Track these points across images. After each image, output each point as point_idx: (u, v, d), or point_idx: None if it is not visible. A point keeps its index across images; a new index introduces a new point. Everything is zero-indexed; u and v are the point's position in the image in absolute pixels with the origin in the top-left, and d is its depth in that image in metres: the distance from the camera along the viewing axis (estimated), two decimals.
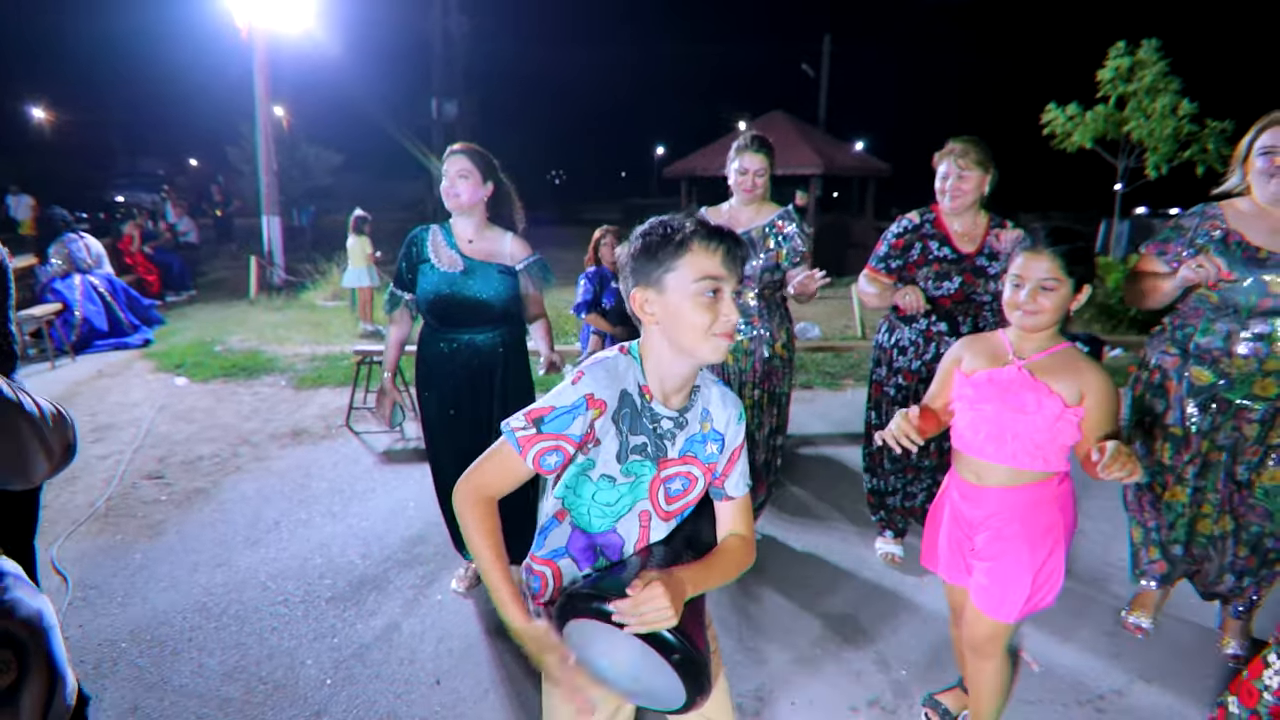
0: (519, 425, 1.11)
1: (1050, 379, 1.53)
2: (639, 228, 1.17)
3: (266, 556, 2.88)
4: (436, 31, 22.58)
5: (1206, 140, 7.49)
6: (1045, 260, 1.50)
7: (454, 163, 2.31)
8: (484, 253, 2.35)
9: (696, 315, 1.10)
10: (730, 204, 2.74)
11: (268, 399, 5.01)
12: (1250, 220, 2.00)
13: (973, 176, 2.39)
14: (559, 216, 36.34)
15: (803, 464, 3.90)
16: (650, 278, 1.13)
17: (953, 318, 2.48)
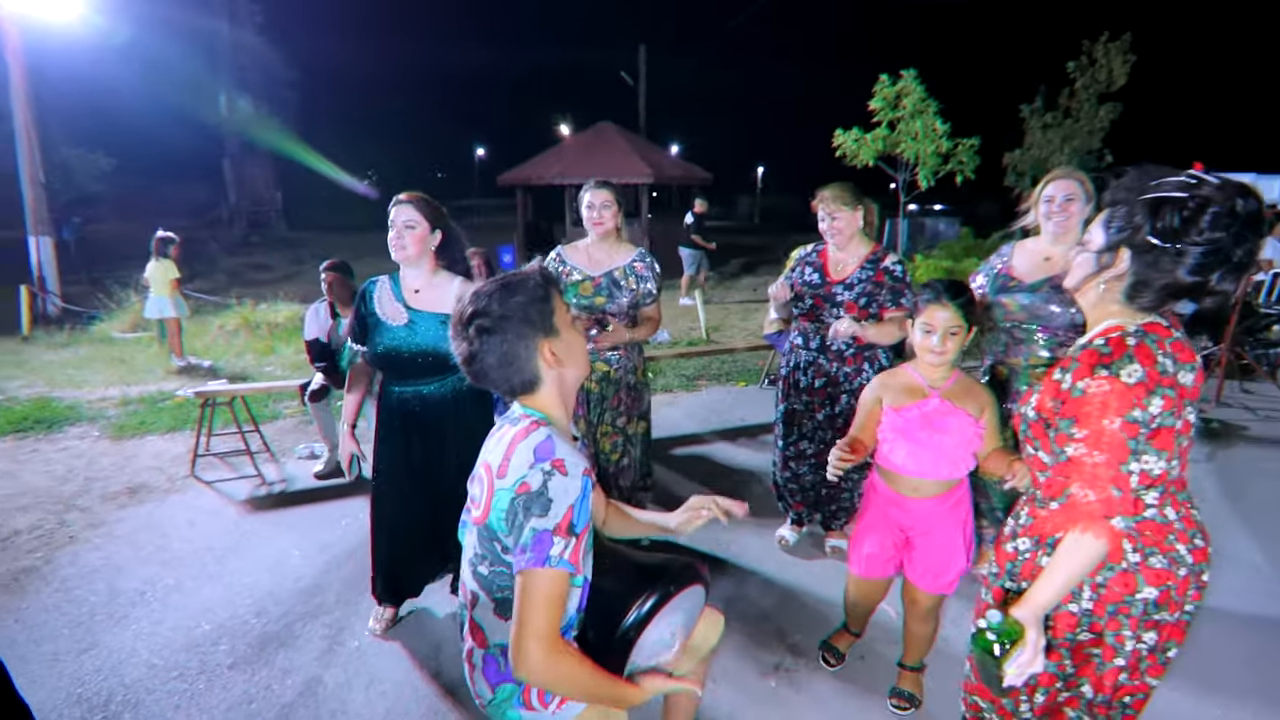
0: (559, 549, 1.09)
1: (961, 402, 1.92)
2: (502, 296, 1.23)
3: (141, 631, 2.63)
4: (223, 20, 20.29)
5: (961, 154, 9.06)
6: (950, 311, 1.86)
7: (400, 213, 2.29)
8: (430, 302, 2.34)
9: (580, 337, 1.34)
10: (586, 242, 2.90)
11: (83, 454, 4.41)
12: (1024, 256, 2.60)
13: (844, 216, 2.73)
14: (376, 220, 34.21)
15: (680, 463, 4.24)
16: (547, 327, 1.26)
17: (806, 333, 2.90)
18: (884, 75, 9.08)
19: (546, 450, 1.16)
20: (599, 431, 2.93)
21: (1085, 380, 1.25)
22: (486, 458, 1.24)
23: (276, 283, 11.93)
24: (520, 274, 1.27)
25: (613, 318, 2.82)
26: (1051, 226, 2.50)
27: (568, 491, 1.13)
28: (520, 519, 1.13)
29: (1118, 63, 10.29)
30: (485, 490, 1.20)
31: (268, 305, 8.34)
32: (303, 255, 16.80)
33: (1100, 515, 1.23)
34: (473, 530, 1.23)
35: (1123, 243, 1.26)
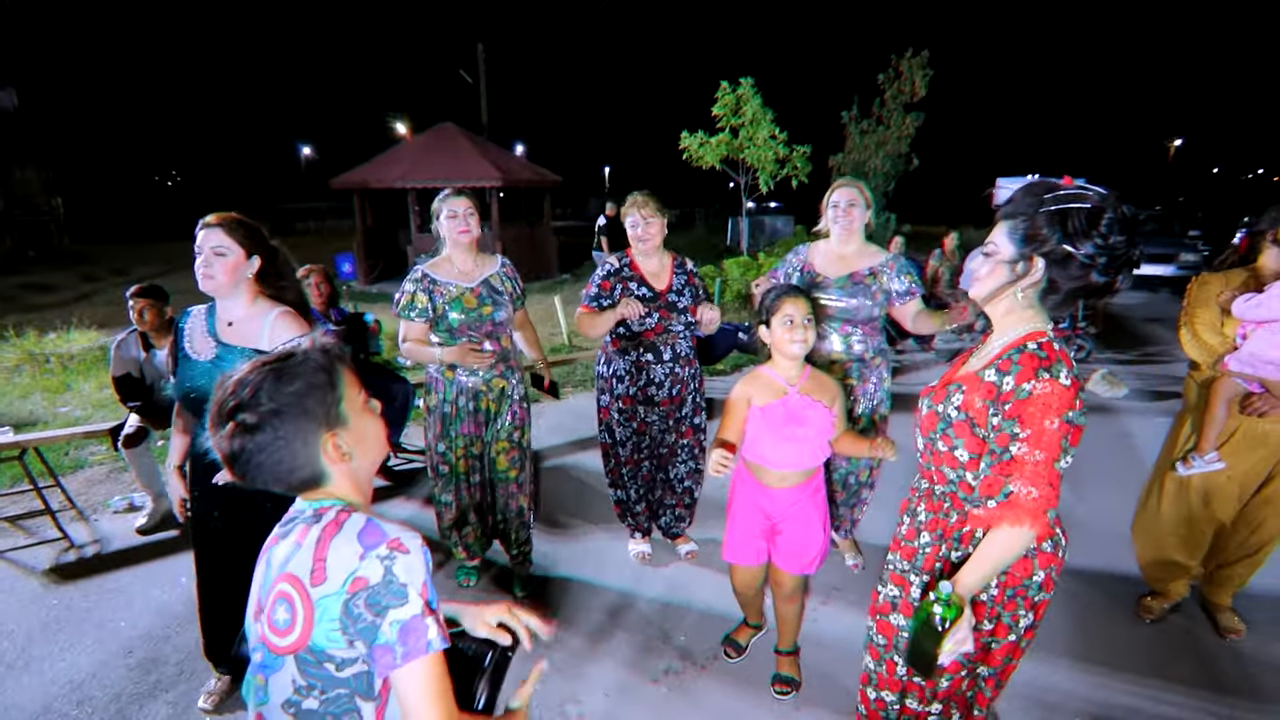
0: (433, 631, 1.00)
1: (816, 395, 2.09)
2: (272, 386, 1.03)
3: None
4: None
5: (796, 160, 9.75)
6: (804, 301, 2.04)
7: (208, 237, 2.02)
8: (244, 336, 2.08)
9: (376, 420, 1.16)
10: (446, 254, 2.75)
11: None
12: (821, 255, 2.90)
13: (656, 222, 2.83)
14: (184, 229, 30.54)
15: (549, 477, 4.21)
16: (331, 418, 1.07)
17: (656, 348, 2.90)
18: (724, 82, 9.55)
19: (374, 534, 1.01)
20: (494, 449, 2.82)
21: (1031, 383, 1.33)
22: (287, 571, 1.02)
23: (66, 306, 10.30)
24: (296, 355, 1.08)
25: (501, 327, 2.74)
26: (839, 229, 2.82)
27: (415, 569, 1.01)
28: (369, 618, 0.98)
29: (919, 76, 11.53)
30: (299, 609, 0.99)
31: (57, 334, 7.17)
32: (97, 272, 14.68)
33: (1042, 510, 1.33)
34: (285, 663, 1.01)
35: (1036, 252, 1.35)
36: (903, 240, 7.11)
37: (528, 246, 12.96)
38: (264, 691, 1.01)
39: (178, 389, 2.09)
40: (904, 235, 7.37)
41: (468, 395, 2.74)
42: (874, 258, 2.85)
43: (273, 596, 1.01)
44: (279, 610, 1.00)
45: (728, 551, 2.33)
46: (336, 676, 1.00)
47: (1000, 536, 1.38)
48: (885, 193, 12.23)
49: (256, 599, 1.05)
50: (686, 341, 2.95)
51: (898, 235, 7.17)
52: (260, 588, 1.05)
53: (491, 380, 2.75)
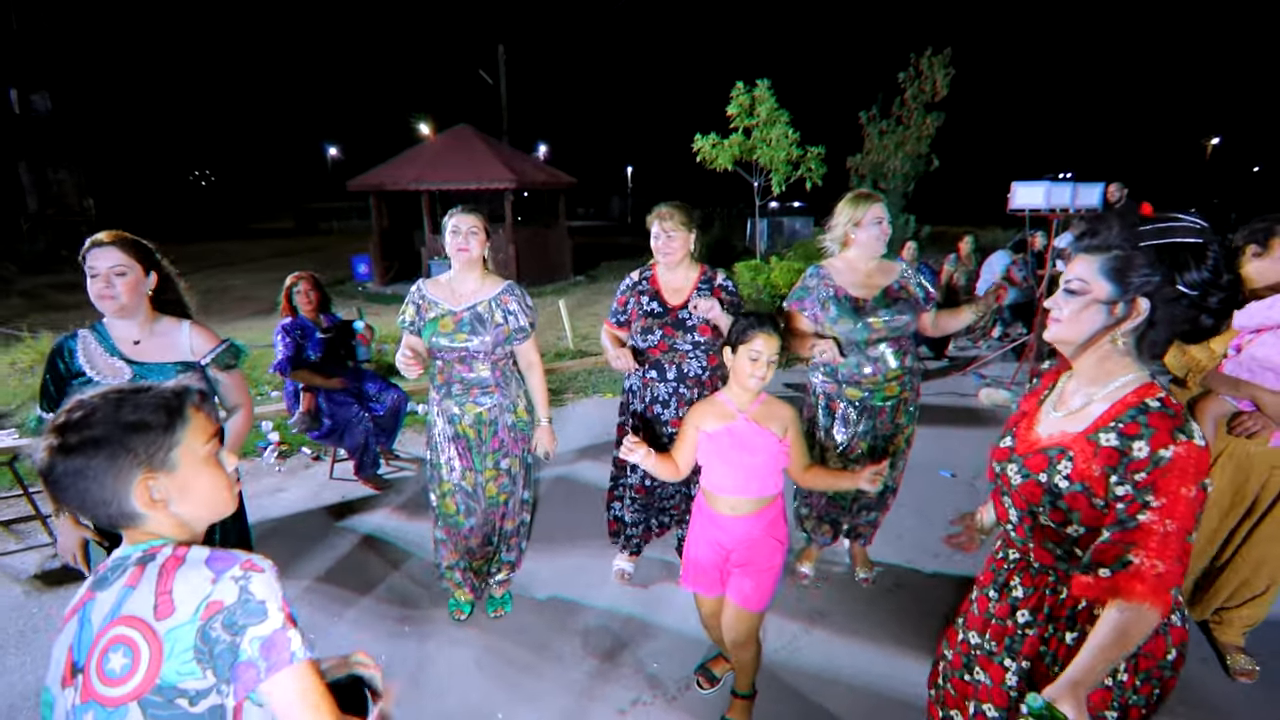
0: (296, 641, 1.01)
1: (766, 422, 2.04)
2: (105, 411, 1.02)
3: None
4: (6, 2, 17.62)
5: (810, 162, 9.58)
6: (776, 340, 2.00)
7: (104, 257, 1.98)
8: (156, 351, 2.07)
9: (217, 478, 1.12)
10: (450, 274, 2.67)
11: None
12: (845, 276, 2.75)
13: (679, 236, 2.71)
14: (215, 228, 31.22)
15: (543, 486, 4.14)
16: (154, 460, 1.03)
17: (661, 366, 2.80)
18: (739, 83, 9.43)
19: (224, 560, 1.01)
20: (485, 478, 2.69)
21: (1170, 448, 1.17)
22: (122, 615, 0.97)
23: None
24: (147, 389, 1.07)
25: (475, 356, 2.60)
26: (880, 246, 2.71)
27: (272, 585, 1.02)
28: (229, 638, 0.96)
29: (940, 75, 11.29)
30: (142, 648, 0.95)
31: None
32: None
33: (1166, 587, 1.15)
34: (127, 710, 0.94)
35: (1140, 292, 1.22)
36: (915, 246, 6.92)
37: (541, 248, 12.93)
38: None
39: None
40: (919, 240, 7.19)
41: (446, 418, 2.63)
42: (890, 272, 2.78)
43: (101, 648, 0.96)
44: (112, 659, 0.95)
45: (684, 578, 2.28)
46: (190, 712, 0.96)
47: (1116, 619, 1.18)
48: (904, 194, 12.01)
49: (67, 663, 0.99)
50: (697, 362, 2.79)
51: (910, 241, 6.98)
52: (74, 649, 0.99)
53: (466, 406, 2.61)
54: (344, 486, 4.17)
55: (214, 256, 18.20)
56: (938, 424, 4.99)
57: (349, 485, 4.17)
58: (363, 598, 3.04)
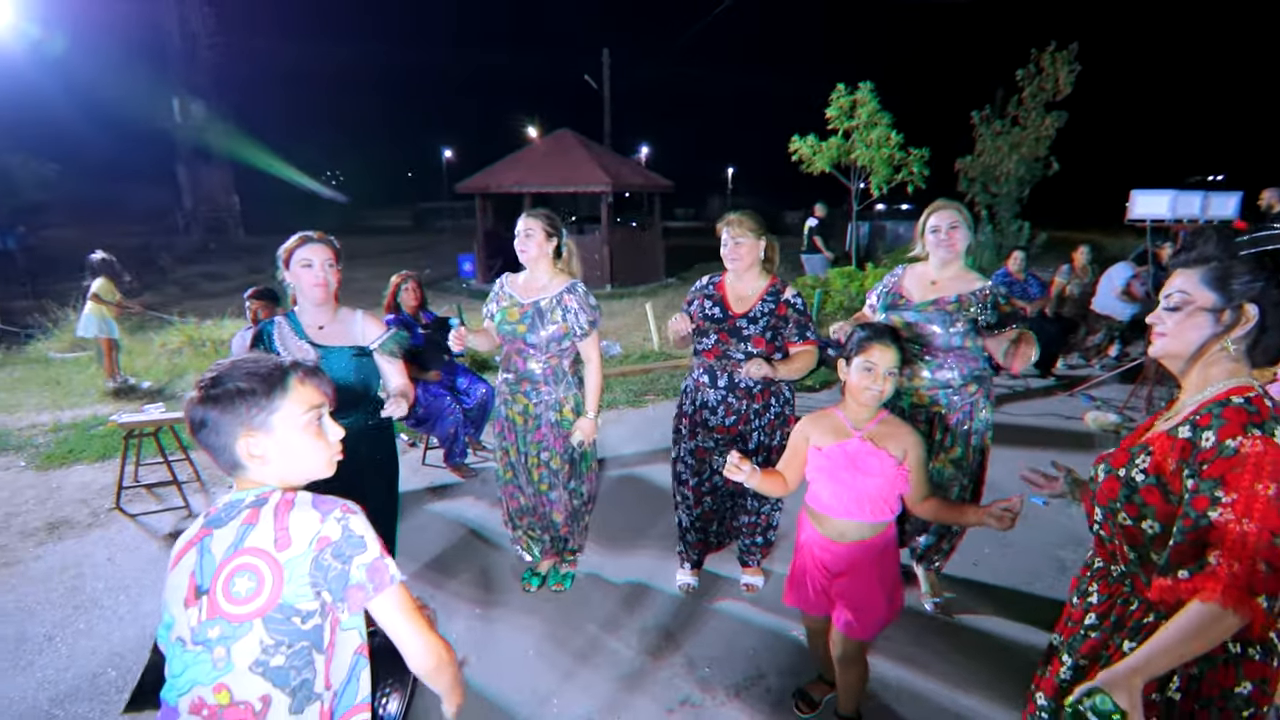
0: (393, 568, 1.21)
1: (883, 443, 1.95)
2: (228, 375, 1.20)
3: (44, 679, 2.58)
4: (173, 23, 19.80)
5: (912, 164, 9.22)
6: (894, 352, 1.92)
7: (319, 252, 2.32)
8: (337, 336, 2.38)
9: (314, 446, 1.27)
10: (530, 275, 2.85)
11: (4, 486, 4.29)
12: (915, 278, 2.77)
13: (747, 243, 2.73)
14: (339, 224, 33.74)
15: (615, 486, 4.25)
16: (254, 423, 1.20)
17: (713, 371, 2.83)
18: (840, 85, 9.21)
19: (326, 503, 1.20)
20: (530, 463, 2.89)
21: (1238, 439, 1.15)
22: (246, 547, 1.15)
23: (231, 294, 11.68)
24: (262, 361, 1.24)
25: (530, 350, 2.79)
26: (941, 253, 2.68)
27: (367, 525, 1.21)
28: (339, 566, 1.16)
29: (1064, 72, 10.54)
30: (265, 574, 1.13)
31: (213, 322, 8.17)
32: (261, 263, 16.49)
33: (1245, 589, 1.09)
34: (248, 628, 1.13)
35: (1246, 297, 1.23)
36: (1023, 255, 6.51)
37: (635, 249, 13.13)
38: (226, 662, 1.12)
39: None
40: (1025, 250, 6.74)
41: (500, 401, 2.91)
42: (968, 284, 2.70)
43: (226, 574, 1.14)
44: (238, 582, 1.13)
45: (787, 594, 2.22)
46: (301, 629, 1.14)
47: (1190, 614, 1.12)
48: (1019, 199, 11.29)
49: (190, 586, 1.17)
50: None
51: (1018, 251, 6.57)
52: (196, 575, 1.17)
53: (516, 396, 2.83)
54: (434, 473, 4.46)
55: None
56: (1035, 446, 4.70)
57: (438, 472, 4.45)
58: (439, 576, 3.26)
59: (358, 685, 1.25)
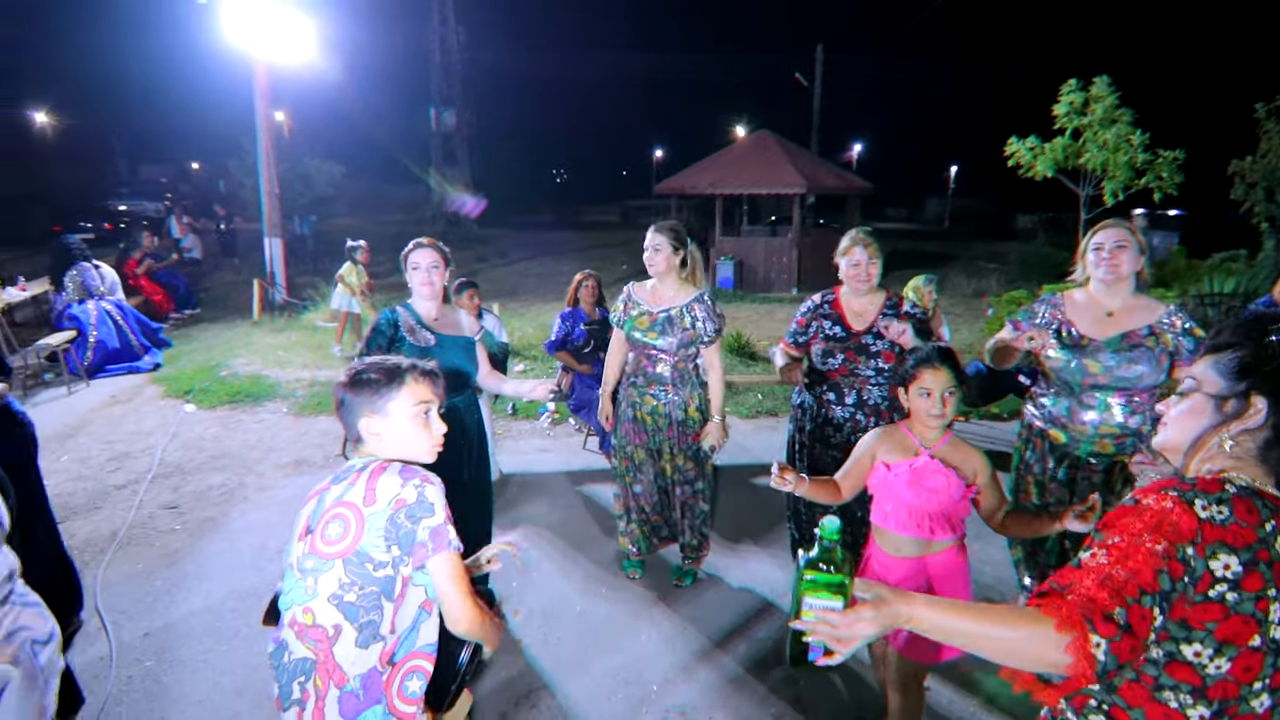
0: (452, 535, 1.42)
1: (953, 463, 1.96)
2: (366, 367, 1.51)
3: (270, 581, 3.28)
4: (435, 43, 22.91)
5: (1161, 169, 7.90)
6: (945, 373, 1.94)
7: (426, 256, 2.66)
8: (448, 327, 2.74)
9: (420, 433, 1.52)
10: (652, 282, 3.06)
11: (271, 427, 5.43)
12: (1081, 310, 2.49)
13: (878, 263, 2.78)
14: (558, 219, 36.66)
15: (753, 493, 4.29)
16: (374, 407, 1.49)
17: (840, 389, 2.82)
18: (1072, 80, 8.18)
19: (410, 472, 1.43)
20: (662, 461, 3.09)
21: (1150, 498, 1.03)
22: (338, 502, 1.42)
23: (457, 278, 13.36)
24: (390, 361, 1.52)
25: (661, 355, 2.97)
26: (1102, 274, 2.42)
27: (439, 495, 1.43)
28: (410, 525, 1.38)
29: None
30: (351, 523, 1.39)
31: None
32: (486, 253, 18.59)
33: (1082, 616, 0.95)
34: (331, 565, 1.38)
35: (1256, 388, 1.06)
36: None
37: (826, 252, 12.67)
38: (313, 590, 1.40)
39: None
40: None
41: (628, 403, 3.07)
42: (1149, 312, 2.43)
43: (326, 519, 1.42)
44: (331, 528, 1.41)
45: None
46: (372, 575, 1.39)
47: (1012, 611, 1.02)
48: None
49: (304, 525, 1.47)
50: (879, 390, 2.80)
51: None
52: (310, 518, 1.47)
53: (645, 398, 3.00)
54: (592, 459, 4.82)
55: (550, 245, 21.50)
56: None
57: (595, 458, 4.81)
58: (577, 553, 3.56)
59: (418, 635, 1.47)
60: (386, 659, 1.41)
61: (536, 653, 2.79)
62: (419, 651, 1.47)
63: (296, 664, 1.41)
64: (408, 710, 1.43)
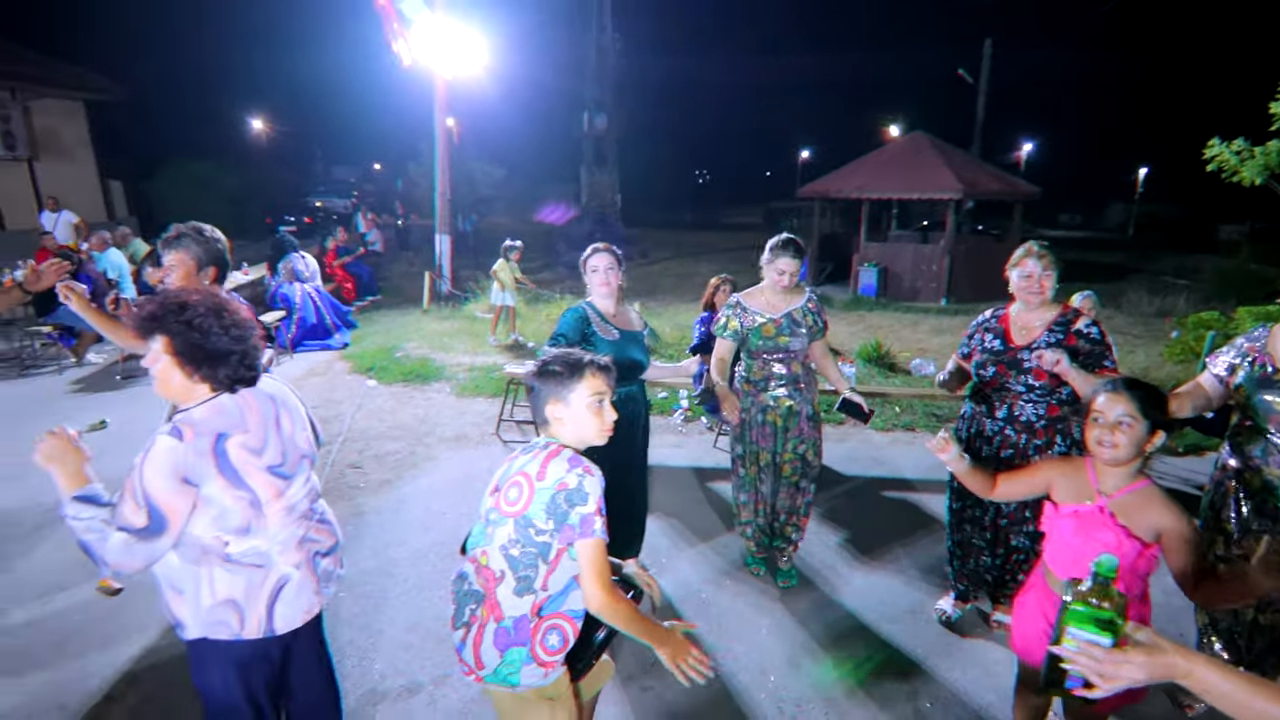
0: (600, 525, 1.59)
1: (1129, 519, 1.73)
2: (555, 358, 1.71)
3: (436, 540, 3.76)
4: (592, 49, 23.96)
5: None
6: (1124, 401, 1.73)
7: (602, 259, 2.98)
8: (625, 323, 3.05)
9: (593, 420, 1.70)
10: (767, 291, 3.19)
11: (436, 404, 6.09)
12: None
13: (1052, 275, 2.67)
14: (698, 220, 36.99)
15: (887, 507, 4.26)
16: (560, 395, 1.67)
17: (991, 401, 2.78)
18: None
19: (577, 460, 1.64)
20: (781, 459, 3.20)
21: None
22: (519, 470, 1.67)
23: None
24: (573, 355, 1.74)
25: (793, 355, 3.12)
26: None
27: (597, 487, 1.61)
28: (564, 508, 1.58)
29: None
30: (525, 491, 1.63)
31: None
32: (629, 252, 19.06)
33: None
34: (506, 522, 1.63)
35: None
36: None
37: (982, 262, 11.90)
38: (491, 538, 1.69)
39: None
40: None
41: (759, 408, 3.17)
42: None
43: (509, 482, 1.69)
44: (511, 491, 1.67)
45: (1013, 637, 2.09)
46: (534, 539, 1.62)
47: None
48: None
49: (495, 483, 1.75)
50: (1033, 407, 2.71)
51: None
52: (499, 478, 1.74)
53: (779, 399, 3.12)
54: (722, 457, 4.98)
55: (690, 245, 21.83)
56: None
57: (724, 457, 4.95)
58: (704, 545, 3.75)
59: (566, 599, 1.67)
60: (536, 610, 1.65)
61: None
62: (563, 613, 1.68)
63: (470, 593, 1.71)
64: (548, 660, 1.66)
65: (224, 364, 1.67)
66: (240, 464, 1.67)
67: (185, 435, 1.59)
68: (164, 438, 1.59)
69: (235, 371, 1.70)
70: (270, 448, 1.75)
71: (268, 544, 1.74)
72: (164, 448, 1.58)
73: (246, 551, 1.71)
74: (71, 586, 3.27)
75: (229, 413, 1.69)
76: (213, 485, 1.62)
